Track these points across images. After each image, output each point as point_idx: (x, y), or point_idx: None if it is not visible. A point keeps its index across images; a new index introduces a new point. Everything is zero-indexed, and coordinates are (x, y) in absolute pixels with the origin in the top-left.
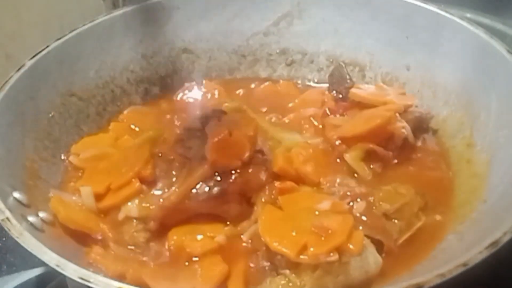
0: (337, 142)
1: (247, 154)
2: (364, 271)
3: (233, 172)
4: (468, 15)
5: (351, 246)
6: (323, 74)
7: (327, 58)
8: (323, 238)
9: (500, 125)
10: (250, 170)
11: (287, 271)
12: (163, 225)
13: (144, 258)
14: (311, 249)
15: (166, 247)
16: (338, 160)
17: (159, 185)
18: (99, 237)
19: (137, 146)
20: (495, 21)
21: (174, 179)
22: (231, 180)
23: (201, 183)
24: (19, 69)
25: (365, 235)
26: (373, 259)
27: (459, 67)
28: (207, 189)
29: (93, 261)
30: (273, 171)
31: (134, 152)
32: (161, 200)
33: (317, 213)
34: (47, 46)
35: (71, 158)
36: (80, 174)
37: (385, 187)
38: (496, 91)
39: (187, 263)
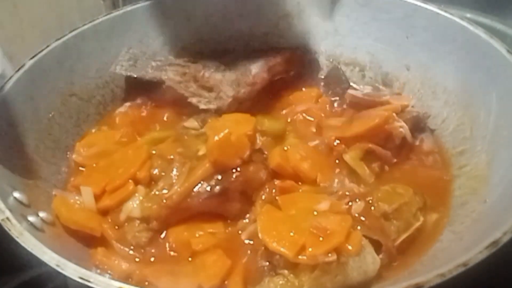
0: (336, 143)
1: (247, 153)
2: (363, 271)
3: (233, 171)
4: (468, 15)
5: (349, 247)
6: (323, 74)
7: (327, 58)
8: (321, 239)
9: (500, 125)
10: (250, 169)
11: (286, 271)
12: (165, 224)
13: (147, 257)
14: (310, 249)
15: (167, 245)
16: (337, 160)
17: (160, 185)
18: (100, 236)
19: (136, 145)
20: (495, 21)
21: (174, 179)
22: (232, 179)
23: (202, 182)
24: (19, 69)
25: (364, 235)
26: (371, 259)
27: (459, 67)
28: (208, 188)
29: (99, 262)
30: (271, 169)
31: (132, 152)
32: (164, 199)
33: (315, 213)
34: (47, 46)
35: (74, 156)
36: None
37: (384, 187)
38: (496, 91)
39: (190, 259)
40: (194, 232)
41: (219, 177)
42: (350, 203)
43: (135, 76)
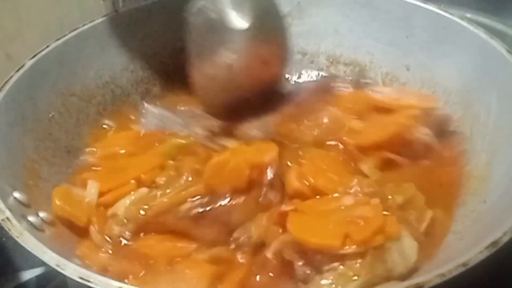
0: (353, 150)
1: (241, 184)
2: (405, 256)
3: (221, 200)
4: (468, 15)
5: (389, 230)
6: (323, 74)
7: (327, 58)
8: (362, 224)
9: (500, 125)
10: (240, 202)
11: (335, 265)
12: (140, 230)
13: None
14: (355, 236)
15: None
16: (353, 165)
17: (153, 192)
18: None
19: (154, 152)
20: (495, 21)
21: (170, 189)
22: (214, 207)
23: (188, 200)
24: (19, 69)
25: None
26: (409, 243)
27: (459, 67)
28: (186, 208)
29: (80, 253)
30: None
31: (146, 158)
32: (146, 206)
33: (343, 208)
34: (47, 46)
35: (86, 156)
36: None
37: (388, 184)
38: (496, 91)
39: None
40: (165, 244)
41: (206, 200)
42: None
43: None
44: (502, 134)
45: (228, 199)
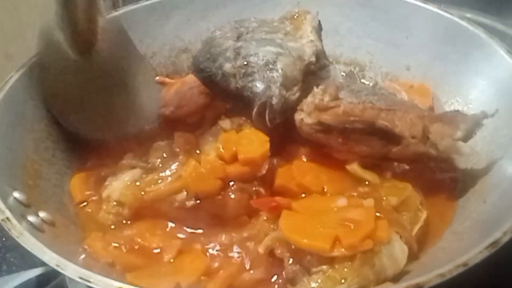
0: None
1: (215, 188)
2: (394, 260)
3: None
4: (468, 15)
5: (379, 234)
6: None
7: (327, 58)
8: (352, 227)
9: (500, 125)
10: (232, 196)
11: (324, 267)
12: (136, 216)
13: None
14: (345, 240)
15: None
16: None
17: (149, 177)
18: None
19: None
20: (495, 21)
21: (166, 176)
22: (207, 200)
23: (184, 191)
24: (19, 69)
25: None
26: (399, 247)
27: (459, 67)
28: (181, 199)
29: (87, 246)
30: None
31: None
32: (142, 193)
33: (336, 209)
34: None
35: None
36: None
37: (385, 184)
38: (496, 91)
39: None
40: (156, 230)
41: (198, 194)
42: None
43: None
44: (502, 134)
45: (220, 195)
